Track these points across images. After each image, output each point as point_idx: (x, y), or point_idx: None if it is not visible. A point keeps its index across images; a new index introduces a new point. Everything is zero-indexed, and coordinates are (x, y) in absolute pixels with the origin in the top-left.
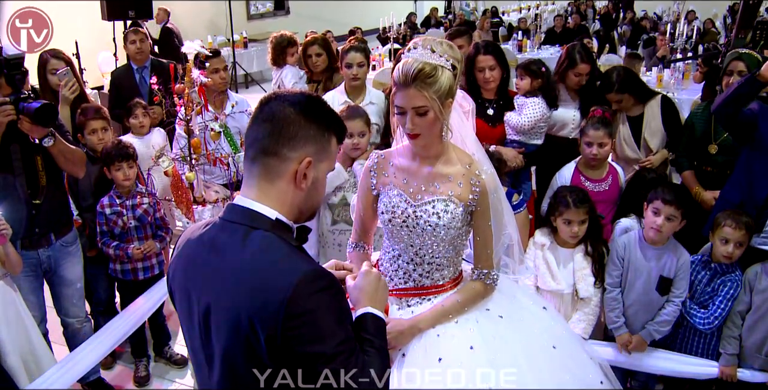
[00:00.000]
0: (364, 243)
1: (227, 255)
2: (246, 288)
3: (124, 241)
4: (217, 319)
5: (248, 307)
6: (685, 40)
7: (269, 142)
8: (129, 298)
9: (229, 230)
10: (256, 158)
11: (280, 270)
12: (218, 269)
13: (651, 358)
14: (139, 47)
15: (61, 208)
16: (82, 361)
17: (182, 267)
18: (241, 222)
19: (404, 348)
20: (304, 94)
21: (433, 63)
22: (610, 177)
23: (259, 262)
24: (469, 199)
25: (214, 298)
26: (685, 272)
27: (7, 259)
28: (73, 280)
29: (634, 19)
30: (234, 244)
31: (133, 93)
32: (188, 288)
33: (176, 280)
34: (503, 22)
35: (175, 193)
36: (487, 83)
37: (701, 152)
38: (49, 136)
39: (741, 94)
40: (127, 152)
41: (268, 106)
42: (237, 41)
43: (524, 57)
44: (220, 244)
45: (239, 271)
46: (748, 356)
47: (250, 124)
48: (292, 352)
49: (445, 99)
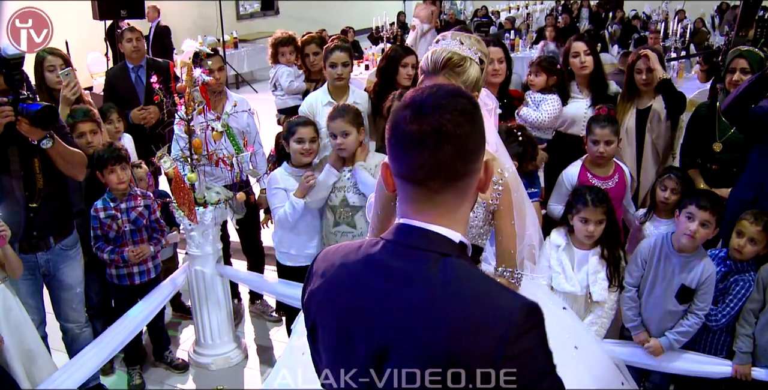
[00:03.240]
0: None
1: (415, 285)
2: (448, 325)
3: (118, 245)
4: (398, 359)
5: (449, 347)
6: (677, 40)
7: (458, 166)
8: (125, 303)
9: (409, 256)
10: (445, 186)
11: (491, 303)
12: (402, 302)
13: (666, 357)
14: (135, 46)
15: (61, 211)
16: (82, 367)
17: (334, 295)
18: (424, 247)
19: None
20: (455, 94)
21: (462, 54)
22: (616, 174)
23: (462, 294)
24: (491, 197)
25: (396, 335)
26: (709, 286)
27: (7, 261)
28: (73, 284)
29: (624, 19)
30: (422, 272)
31: (129, 92)
32: (347, 323)
33: (324, 311)
34: (493, 22)
35: (177, 194)
36: (495, 75)
37: (706, 150)
38: (48, 138)
39: (751, 93)
40: (119, 155)
41: (439, 123)
42: (227, 41)
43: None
44: (401, 271)
45: (436, 305)
46: (761, 355)
47: (410, 150)
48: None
49: (471, 91)
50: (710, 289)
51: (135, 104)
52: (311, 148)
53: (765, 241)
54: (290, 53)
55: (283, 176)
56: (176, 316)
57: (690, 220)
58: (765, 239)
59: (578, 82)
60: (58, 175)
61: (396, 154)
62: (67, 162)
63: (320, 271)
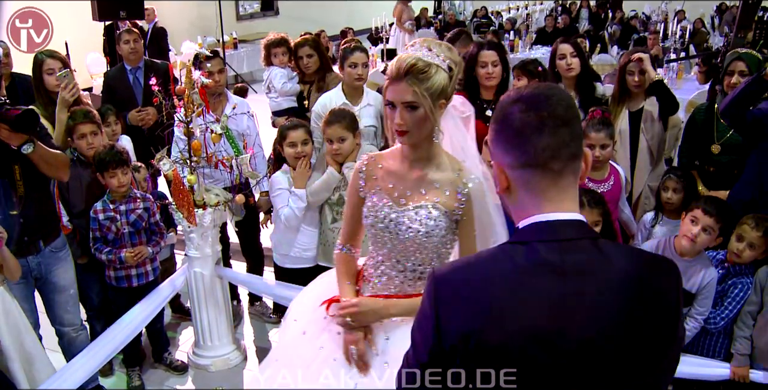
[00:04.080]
0: (351, 245)
1: (597, 275)
2: (638, 301)
3: (117, 247)
4: (607, 344)
5: (643, 317)
6: (676, 40)
7: (576, 146)
8: (123, 305)
9: (573, 250)
10: (565, 168)
11: (657, 271)
12: (593, 294)
13: None
14: (133, 47)
15: (49, 215)
16: (80, 369)
17: (518, 311)
18: (580, 236)
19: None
20: (555, 86)
21: (427, 60)
22: (612, 177)
23: (633, 270)
24: (454, 207)
25: (598, 325)
26: (710, 291)
27: (5, 264)
28: (66, 286)
29: (624, 19)
30: (596, 259)
31: (127, 94)
32: (546, 333)
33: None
34: (493, 23)
35: (176, 196)
36: (489, 79)
37: (704, 152)
38: (29, 143)
39: (748, 95)
40: (121, 158)
41: (551, 109)
42: (227, 42)
43: (516, 57)
44: (575, 265)
45: (625, 286)
46: (759, 357)
47: (536, 134)
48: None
49: (437, 99)
50: (710, 294)
51: (133, 106)
52: (303, 150)
53: (764, 247)
54: (283, 54)
55: (284, 178)
56: (176, 318)
57: (693, 224)
58: (764, 244)
59: (565, 85)
60: (39, 181)
61: (515, 145)
62: (50, 165)
63: (480, 308)
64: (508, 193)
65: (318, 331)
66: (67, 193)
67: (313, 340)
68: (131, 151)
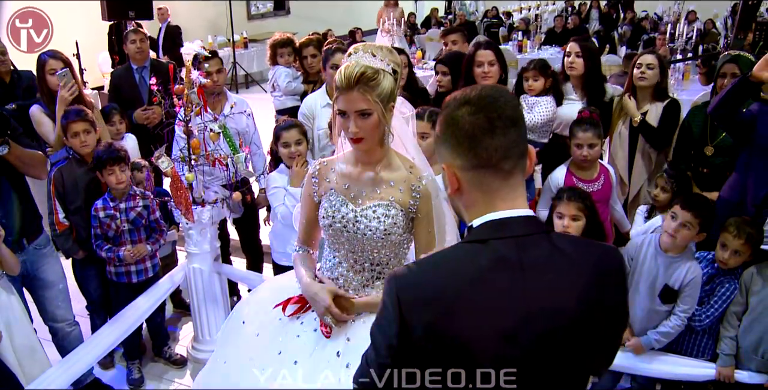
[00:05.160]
0: (308, 247)
1: (554, 267)
2: (592, 287)
3: (117, 243)
4: (569, 332)
5: (598, 301)
6: (685, 41)
7: (523, 145)
8: (123, 300)
9: (529, 245)
10: (516, 166)
11: (602, 254)
12: (552, 286)
13: (648, 360)
14: (139, 47)
15: (29, 213)
16: (80, 361)
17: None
18: (533, 232)
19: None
20: (499, 87)
21: (375, 67)
22: (602, 177)
23: (584, 260)
24: (409, 204)
25: (559, 315)
26: (693, 288)
27: (4, 259)
28: (55, 281)
29: (635, 20)
30: (550, 253)
31: (133, 93)
32: (510, 327)
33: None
34: (503, 23)
35: (175, 193)
36: (485, 78)
37: (697, 154)
38: (4, 145)
39: (734, 96)
40: (119, 156)
41: (501, 110)
42: (237, 41)
43: (524, 58)
44: (532, 259)
45: (580, 276)
46: (744, 357)
47: (488, 136)
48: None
49: (387, 103)
50: (694, 291)
51: (139, 104)
52: (297, 150)
53: (749, 251)
54: (288, 54)
55: (280, 177)
56: (177, 313)
57: (673, 220)
58: (749, 250)
59: (573, 84)
60: (14, 182)
61: (467, 148)
62: (26, 164)
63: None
64: (460, 194)
65: (273, 334)
66: (63, 190)
67: (269, 344)
68: (135, 149)
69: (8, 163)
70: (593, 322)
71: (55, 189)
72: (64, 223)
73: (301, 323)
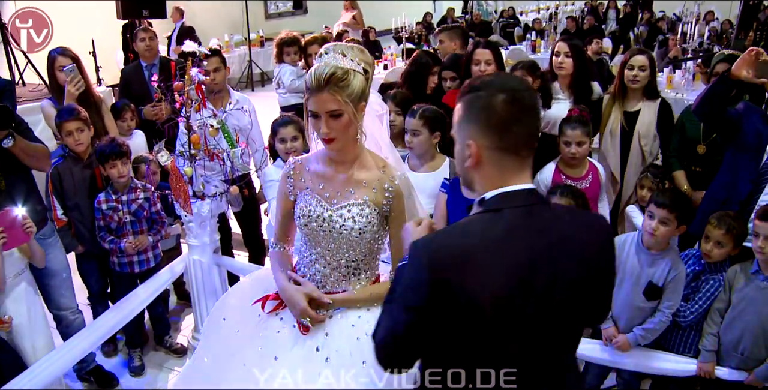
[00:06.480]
0: (284, 244)
1: (557, 232)
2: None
3: (120, 235)
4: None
5: (594, 260)
6: (699, 42)
7: (538, 135)
8: (125, 289)
9: (536, 213)
10: (531, 152)
11: (594, 219)
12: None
13: (632, 355)
14: (149, 45)
15: (34, 205)
16: (79, 345)
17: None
18: (537, 202)
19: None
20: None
21: (345, 67)
22: (590, 174)
23: (577, 225)
24: (383, 203)
25: (567, 272)
26: (676, 284)
27: (32, 253)
28: (58, 270)
29: (651, 20)
30: (553, 219)
31: (142, 89)
32: (529, 283)
33: (500, 287)
34: (519, 23)
35: (174, 186)
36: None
37: (690, 152)
38: (9, 138)
39: (715, 93)
40: (120, 150)
41: (530, 103)
42: (254, 40)
43: (538, 58)
44: (539, 225)
45: (578, 238)
46: (725, 354)
47: (516, 125)
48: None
49: (358, 102)
50: (677, 287)
51: (148, 101)
52: (293, 146)
53: (732, 243)
54: (294, 53)
55: (276, 171)
56: (180, 304)
57: (650, 218)
58: (731, 241)
59: (560, 84)
60: (21, 175)
61: (497, 131)
62: (31, 156)
63: (471, 268)
64: (477, 169)
65: (253, 331)
66: (60, 187)
67: (248, 340)
68: (144, 145)
69: (13, 156)
70: (590, 277)
71: (53, 186)
72: (62, 219)
73: (280, 319)
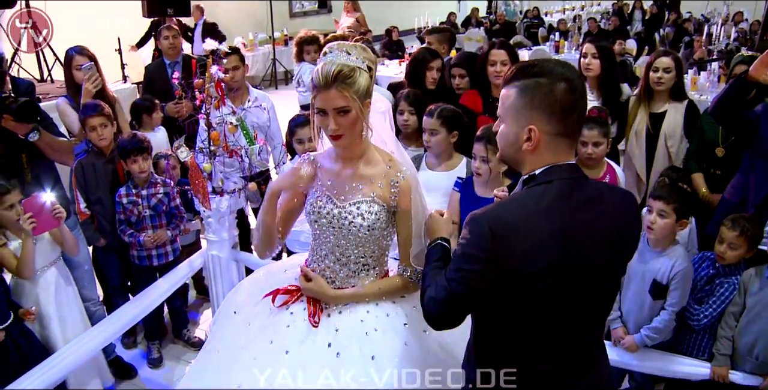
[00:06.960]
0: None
1: (599, 202)
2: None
3: (139, 228)
4: (614, 253)
5: (627, 228)
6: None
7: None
8: (144, 282)
9: (579, 185)
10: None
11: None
12: (601, 215)
13: (643, 357)
14: (172, 43)
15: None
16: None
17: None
18: (580, 176)
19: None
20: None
21: (351, 64)
22: (607, 175)
23: (612, 197)
24: (390, 199)
25: (608, 238)
26: (680, 282)
27: (65, 240)
28: (81, 262)
29: (678, 21)
30: (594, 190)
31: (165, 87)
32: (579, 248)
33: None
34: (543, 23)
35: (193, 182)
36: (498, 77)
37: (709, 155)
38: (34, 131)
39: (731, 95)
40: (141, 146)
41: (583, 91)
42: (278, 38)
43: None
44: (583, 195)
45: (616, 208)
46: (739, 358)
47: (575, 112)
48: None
49: (364, 99)
50: (681, 284)
51: (170, 98)
52: (312, 146)
53: (746, 245)
54: (314, 51)
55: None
56: (199, 298)
57: (649, 213)
58: (745, 243)
59: (589, 84)
60: (46, 167)
61: (559, 118)
62: (55, 151)
63: (528, 237)
64: (533, 152)
65: (265, 324)
66: (84, 181)
67: (259, 334)
68: (165, 141)
69: (38, 149)
70: (621, 246)
71: (77, 180)
72: (85, 212)
73: (290, 313)
